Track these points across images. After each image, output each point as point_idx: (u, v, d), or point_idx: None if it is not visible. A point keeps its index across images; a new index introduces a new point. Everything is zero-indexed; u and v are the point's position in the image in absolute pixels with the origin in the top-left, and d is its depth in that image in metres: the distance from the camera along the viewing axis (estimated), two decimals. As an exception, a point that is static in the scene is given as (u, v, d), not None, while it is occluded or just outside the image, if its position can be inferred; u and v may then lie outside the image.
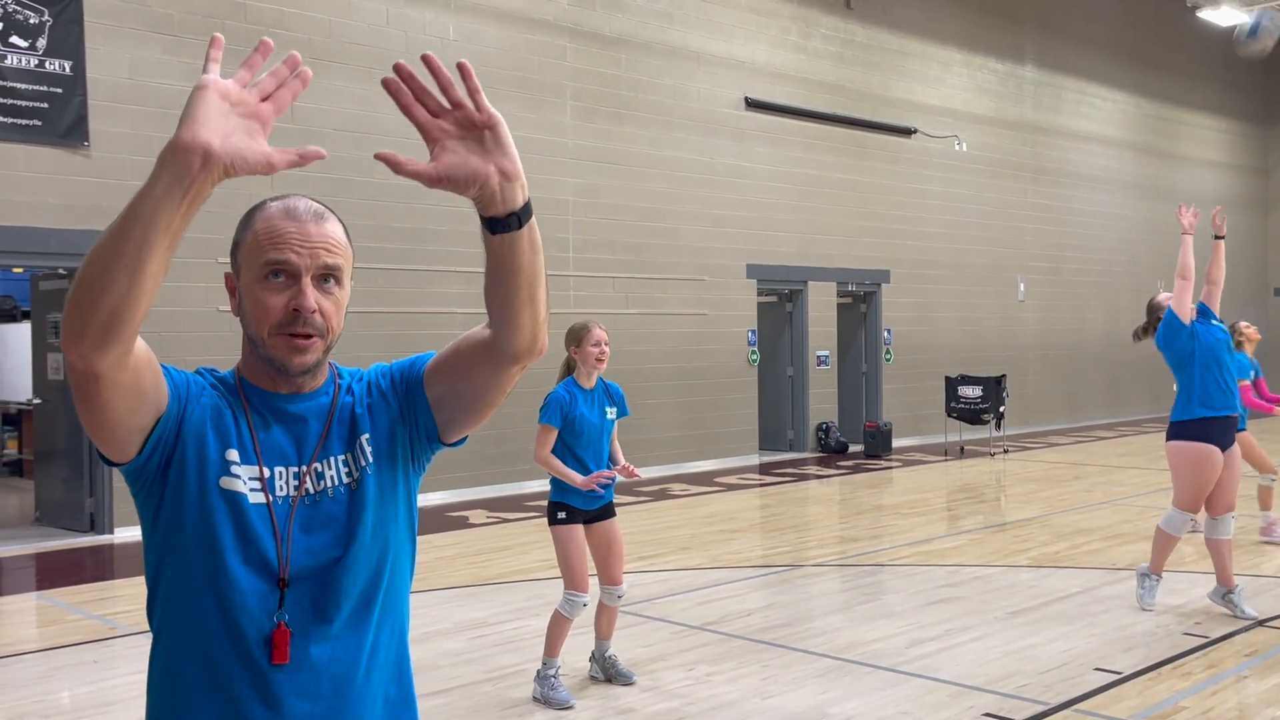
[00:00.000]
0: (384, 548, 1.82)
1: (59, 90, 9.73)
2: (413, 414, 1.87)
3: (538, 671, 5.48)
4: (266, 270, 1.75)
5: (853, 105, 16.89)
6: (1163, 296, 7.04)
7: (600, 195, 13.67)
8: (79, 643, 6.65)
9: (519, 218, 1.63)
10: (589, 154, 13.57)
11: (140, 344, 1.62)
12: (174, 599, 1.77)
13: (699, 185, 14.76)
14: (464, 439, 1.94)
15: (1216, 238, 7.11)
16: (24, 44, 9.54)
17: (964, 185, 18.77)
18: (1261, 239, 27.06)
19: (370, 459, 1.83)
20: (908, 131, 17.71)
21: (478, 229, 1.68)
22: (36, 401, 11.14)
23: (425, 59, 1.60)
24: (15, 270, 12.97)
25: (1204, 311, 6.89)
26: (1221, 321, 6.94)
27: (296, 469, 1.79)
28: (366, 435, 1.84)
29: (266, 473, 1.77)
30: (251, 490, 1.75)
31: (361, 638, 1.79)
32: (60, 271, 10.47)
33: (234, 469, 1.75)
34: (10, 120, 9.48)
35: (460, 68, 1.59)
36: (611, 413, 5.51)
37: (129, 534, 10.09)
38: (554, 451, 5.38)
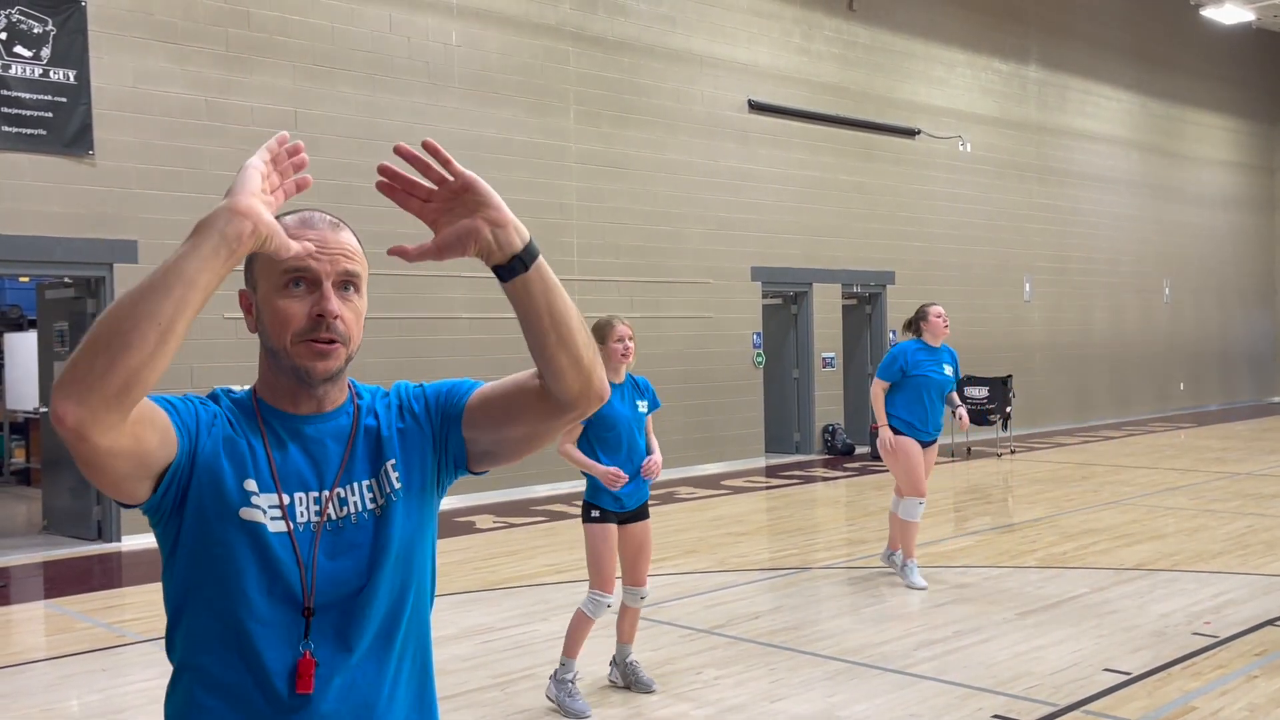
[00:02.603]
0: (407, 574, 1.80)
1: (63, 99, 9.76)
2: (444, 443, 1.86)
3: (554, 672, 5.40)
4: (287, 279, 1.73)
5: (856, 107, 16.88)
6: (933, 312, 7.73)
7: (604, 199, 13.68)
8: (88, 651, 6.65)
9: (522, 260, 1.67)
10: (592, 158, 13.58)
11: (140, 403, 1.55)
12: (196, 631, 1.72)
13: (703, 188, 14.76)
14: (488, 470, 1.93)
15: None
16: (28, 54, 9.57)
17: (969, 186, 18.75)
18: (1268, 237, 27.00)
19: (397, 485, 1.80)
20: (912, 133, 17.70)
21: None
22: (43, 410, 11.17)
23: (396, 149, 1.65)
24: (21, 279, 13.01)
25: (930, 349, 7.73)
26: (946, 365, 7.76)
27: (317, 494, 1.76)
28: (393, 461, 1.81)
29: (286, 499, 1.73)
30: (272, 519, 1.71)
31: (384, 664, 1.77)
32: (66, 280, 10.49)
33: (253, 499, 1.71)
34: (15, 129, 9.51)
35: (425, 146, 1.65)
36: (643, 405, 5.41)
37: (137, 542, 10.10)
38: (582, 448, 5.28)
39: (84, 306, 10.36)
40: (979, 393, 16.20)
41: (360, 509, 1.77)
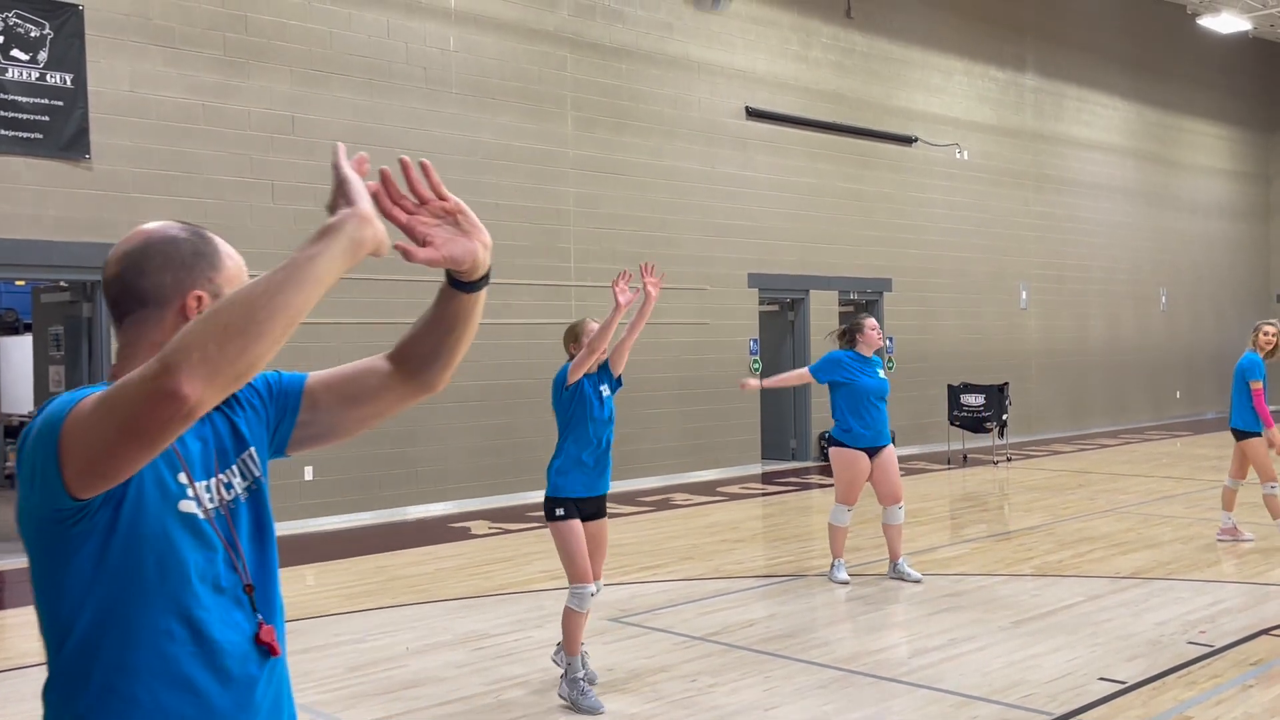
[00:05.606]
0: (274, 541, 2.00)
1: (60, 103, 9.75)
2: (276, 426, 2.01)
3: (564, 672, 5.57)
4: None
5: (853, 114, 16.90)
6: (869, 324, 8.12)
7: (601, 205, 13.68)
8: (80, 656, 6.62)
9: (485, 277, 1.88)
10: (590, 164, 13.58)
11: None
12: (119, 629, 1.76)
13: (700, 195, 14.77)
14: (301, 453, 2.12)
15: None
16: (25, 57, 9.56)
17: (965, 194, 18.77)
18: (1263, 246, 27.04)
19: (258, 464, 1.98)
20: (909, 140, 17.72)
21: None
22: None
23: (400, 161, 1.83)
24: (17, 283, 12.99)
25: (863, 359, 8.09)
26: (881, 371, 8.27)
27: (212, 480, 1.88)
28: (252, 448, 1.97)
29: (198, 486, 1.85)
30: (199, 507, 1.83)
31: (280, 623, 1.96)
32: (61, 284, 10.47)
33: (187, 491, 1.82)
34: (12, 133, 9.50)
35: (422, 166, 1.81)
36: (605, 390, 5.82)
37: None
38: (567, 430, 5.67)
39: (80, 310, 10.34)
40: (975, 400, 16.20)
41: (240, 490, 1.93)
